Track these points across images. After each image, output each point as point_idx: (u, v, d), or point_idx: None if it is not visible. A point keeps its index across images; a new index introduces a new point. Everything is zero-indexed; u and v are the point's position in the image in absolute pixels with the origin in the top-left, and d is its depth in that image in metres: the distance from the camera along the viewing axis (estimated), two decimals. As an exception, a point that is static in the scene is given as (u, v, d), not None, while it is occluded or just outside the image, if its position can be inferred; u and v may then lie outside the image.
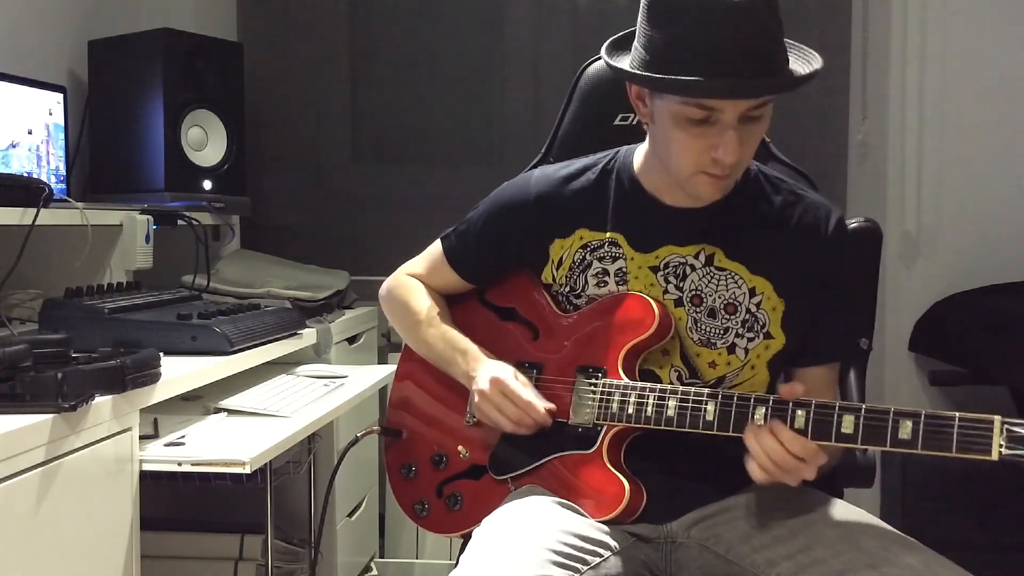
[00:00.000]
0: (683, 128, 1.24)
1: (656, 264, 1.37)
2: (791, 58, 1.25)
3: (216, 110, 2.45)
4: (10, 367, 1.26)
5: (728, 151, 1.22)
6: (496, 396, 1.37)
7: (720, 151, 1.22)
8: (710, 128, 1.22)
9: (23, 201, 1.75)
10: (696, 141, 1.24)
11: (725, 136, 1.21)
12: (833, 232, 1.36)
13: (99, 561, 1.36)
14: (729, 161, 1.23)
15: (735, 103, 1.20)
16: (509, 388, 1.36)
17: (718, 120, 1.21)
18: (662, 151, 1.31)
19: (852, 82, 2.78)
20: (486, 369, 1.40)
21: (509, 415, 1.36)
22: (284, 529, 2.29)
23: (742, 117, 1.22)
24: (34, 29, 2.32)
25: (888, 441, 1.13)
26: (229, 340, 1.73)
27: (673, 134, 1.25)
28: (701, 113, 1.21)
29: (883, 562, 1.15)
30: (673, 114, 1.23)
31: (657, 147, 1.33)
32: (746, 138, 1.24)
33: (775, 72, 1.21)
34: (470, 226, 1.51)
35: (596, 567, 1.21)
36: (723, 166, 1.24)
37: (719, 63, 1.17)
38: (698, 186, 1.29)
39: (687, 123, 1.23)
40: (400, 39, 2.99)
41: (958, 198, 2.58)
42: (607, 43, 1.34)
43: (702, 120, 1.22)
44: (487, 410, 1.38)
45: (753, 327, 1.34)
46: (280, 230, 2.99)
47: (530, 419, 1.35)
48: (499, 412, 1.37)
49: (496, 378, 1.37)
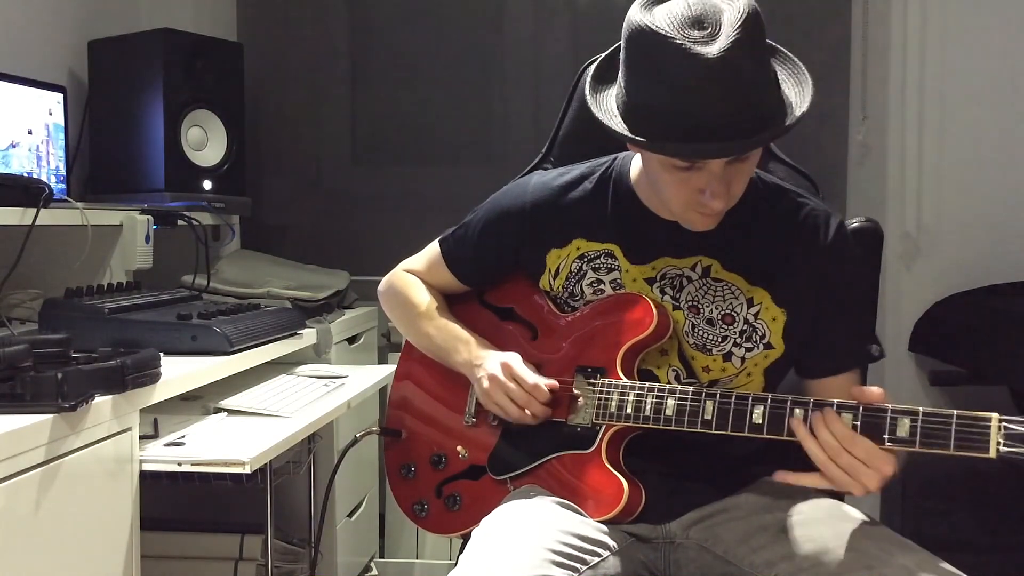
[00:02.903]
0: (670, 172, 1.23)
1: (652, 276, 1.37)
2: (781, 78, 1.22)
3: (216, 110, 2.45)
4: (10, 367, 1.26)
5: (716, 196, 1.21)
6: (507, 379, 1.36)
7: (707, 196, 1.22)
8: (697, 173, 1.21)
9: (23, 201, 1.75)
10: (684, 184, 1.23)
11: (712, 184, 1.21)
12: (833, 239, 1.35)
13: (99, 561, 1.36)
14: (717, 207, 1.23)
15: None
16: (517, 373, 1.36)
17: (704, 166, 1.20)
18: (653, 184, 1.31)
19: (852, 82, 2.78)
20: (494, 356, 1.41)
21: (517, 398, 1.36)
22: (284, 529, 2.29)
23: (729, 161, 1.20)
24: (34, 29, 2.32)
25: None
26: (229, 340, 1.73)
27: (661, 176, 1.25)
28: (685, 163, 1.21)
29: (879, 563, 1.15)
30: (660, 160, 1.23)
31: (649, 178, 1.33)
32: (734, 177, 1.23)
33: (760, 125, 1.16)
34: (468, 231, 1.51)
35: (595, 567, 1.21)
36: (711, 207, 1.24)
37: (699, 127, 1.14)
38: (690, 221, 1.30)
39: (673, 168, 1.22)
40: (400, 39, 2.99)
41: (958, 198, 2.58)
42: (591, 76, 1.30)
43: (688, 167, 1.21)
44: (495, 394, 1.38)
45: (752, 337, 1.34)
46: (280, 230, 2.99)
47: (537, 404, 1.35)
48: (507, 396, 1.36)
49: (506, 363, 1.38)
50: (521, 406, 1.36)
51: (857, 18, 2.77)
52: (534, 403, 1.35)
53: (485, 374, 1.39)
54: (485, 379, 1.39)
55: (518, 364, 1.38)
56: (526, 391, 1.35)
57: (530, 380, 1.35)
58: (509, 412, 1.37)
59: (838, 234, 1.35)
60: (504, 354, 1.41)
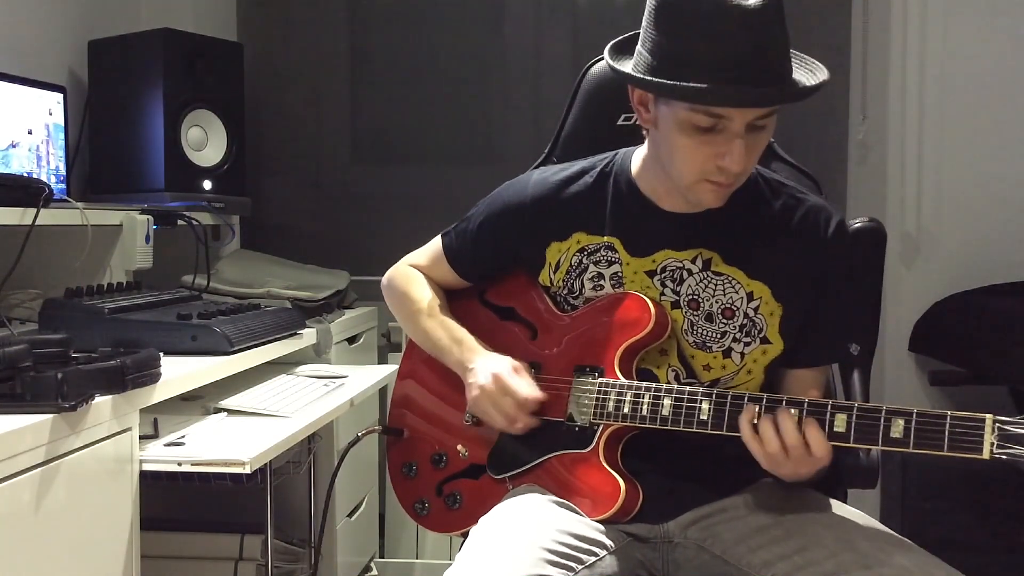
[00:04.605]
0: (689, 135, 1.23)
1: (652, 268, 1.37)
2: (794, 67, 1.24)
3: (216, 110, 2.45)
4: (10, 367, 1.26)
5: (735, 160, 1.21)
6: (496, 391, 1.37)
7: (727, 160, 1.22)
8: (716, 136, 1.21)
9: (23, 201, 1.75)
10: (702, 149, 1.23)
11: (732, 145, 1.21)
12: (832, 236, 1.35)
13: (99, 561, 1.36)
14: (736, 170, 1.22)
15: (744, 112, 1.19)
16: (508, 385, 1.36)
17: (725, 128, 1.21)
18: (665, 157, 1.30)
19: (852, 82, 2.78)
20: (485, 363, 1.40)
21: (506, 410, 1.36)
22: (284, 529, 2.29)
23: (749, 126, 1.21)
24: (34, 29, 2.32)
25: (880, 440, 1.13)
26: (229, 340, 1.73)
27: (678, 141, 1.24)
28: (709, 121, 1.20)
29: (877, 563, 1.15)
30: (679, 121, 1.22)
31: (659, 153, 1.32)
32: (751, 147, 1.23)
33: (784, 80, 1.20)
34: (469, 226, 1.51)
35: (591, 566, 1.21)
36: (728, 174, 1.24)
37: (730, 71, 1.15)
38: (701, 194, 1.29)
39: (693, 130, 1.22)
40: (400, 39, 2.99)
41: (958, 198, 2.58)
42: (609, 46, 1.33)
43: (709, 128, 1.21)
44: (484, 406, 1.38)
45: (751, 332, 1.34)
46: (280, 230, 3.00)
47: (524, 416, 1.35)
48: (495, 408, 1.37)
49: (497, 374, 1.38)
50: (508, 418, 1.36)
51: (857, 18, 2.77)
52: (521, 415, 1.36)
53: (475, 382, 1.39)
54: (475, 387, 1.39)
55: (508, 375, 1.37)
56: (516, 403, 1.36)
57: (520, 393, 1.35)
58: (496, 423, 1.38)
59: (838, 231, 1.36)
60: (496, 362, 1.40)
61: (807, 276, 1.34)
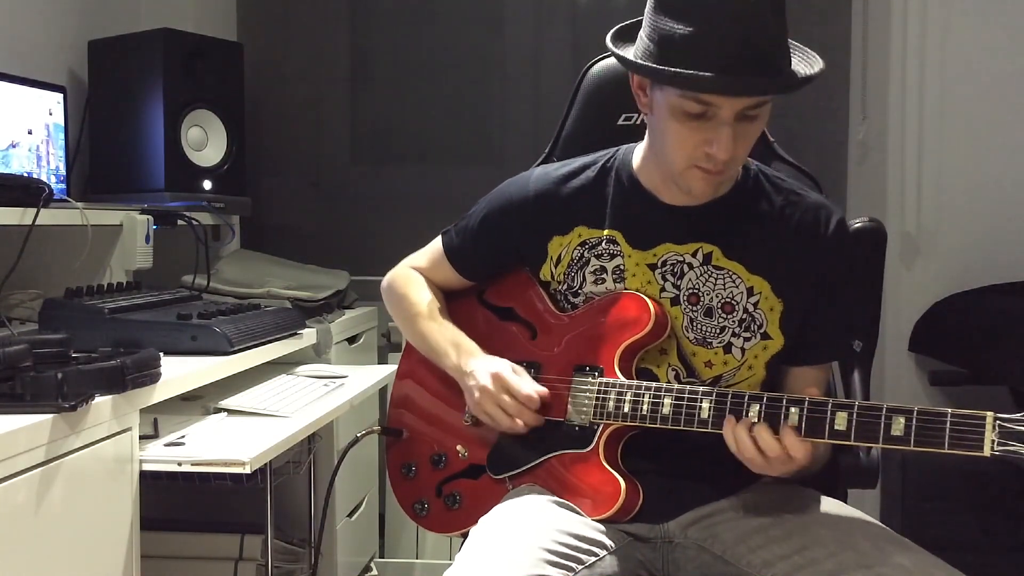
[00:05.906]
0: (680, 121, 1.24)
1: (654, 262, 1.37)
2: (794, 59, 1.25)
3: (216, 110, 2.45)
4: (10, 367, 1.26)
5: (722, 148, 1.22)
6: (497, 391, 1.37)
7: (714, 147, 1.23)
8: (706, 123, 1.23)
9: (23, 201, 1.75)
10: (691, 135, 1.24)
11: (720, 132, 1.22)
12: (833, 233, 1.36)
13: (99, 561, 1.36)
14: (722, 158, 1.23)
15: (733, 100, 1.20)
16: (509, 383, 1.36)
17: (715, 116, 1.22)
18: (658, 143, 1.32)
19: (852, 82, 2.78)
20: (484, 365, 1.40)
21: (508, 409, 1.36)
22: (284, 529, 2.29)
23: (739, 115, 1.22)
24: (34, 29, 2.33)
25: (880, 438, 1.13)
26: (229, 340, 1.73)
27: (669, 126, 1.26)
28: (698, 108, 1.21)
29: (876, 562, 1.15)
30: (671, 106, 1.24)
31: (654, 139, 1.34)
32: (741, 136, 1.24)
33: (776, 72, 1.21)
34: (470, 223, 1.51)
35: (591, 566, 1.21)
36: (716, 162, 1.24)
37: (720, 59, 1.17)
38: (690, 180, 1.29)
39: (684, 116, 1.23)
40: (400, 39, 2.99)
41: (958, 198, 2.58)
42: (612, 31, 1.35)
43: (699, 115, 1.22)
44: (485, 405, 1.38)
45: (750, 327, 1.34)
46: (280, 230, 3.00)
47: (528, 413, 1.35)
48: (498, 408, 1.37)
49: (496, 373, 1.38)
50: (512, 416, 1.36)
51: (857, 18, 2.77)
52: (525, 412, 1.36)
53: (476, 384, 1.39)
54: (476, 389, 1.39)
55: (508, 374, 1.38)
56: (518, 401, 1.36)
57: (523, 391, 1.36)
58: (500, 423, 1.38)
59: (838, 229, 1.36)
60: (494, 363, 1.40)
61: (807, 273, 1.35)
